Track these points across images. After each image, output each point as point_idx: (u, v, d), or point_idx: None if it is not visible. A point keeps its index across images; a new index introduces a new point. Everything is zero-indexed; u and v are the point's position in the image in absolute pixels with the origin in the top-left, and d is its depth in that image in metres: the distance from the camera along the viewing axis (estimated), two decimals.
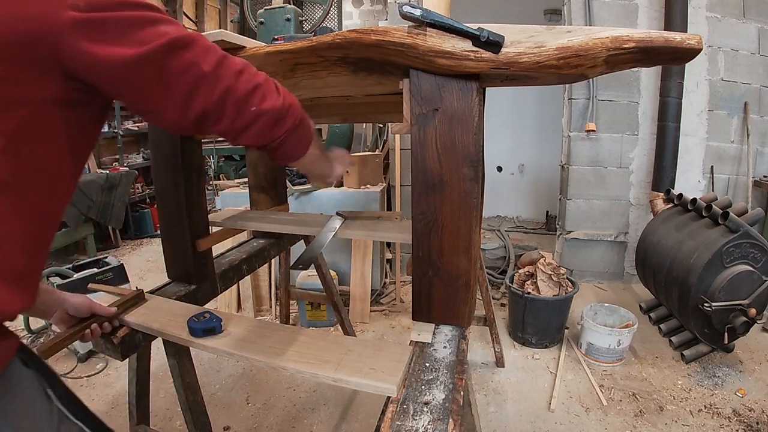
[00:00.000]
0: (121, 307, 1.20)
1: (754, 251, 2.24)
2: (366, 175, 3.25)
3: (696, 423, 2.03)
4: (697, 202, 2.55)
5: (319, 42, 1.02)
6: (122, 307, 1.20)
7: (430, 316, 1.16)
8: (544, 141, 4.82)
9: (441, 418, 0.85)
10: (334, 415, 2.16)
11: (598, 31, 0.84)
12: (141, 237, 5.15)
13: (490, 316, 2.41)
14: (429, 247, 1.09)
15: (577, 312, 2.74)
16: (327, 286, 2.26)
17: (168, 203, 1.42)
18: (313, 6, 3.87)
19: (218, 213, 1.84)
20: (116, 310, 1.17)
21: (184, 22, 7.72)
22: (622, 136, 3.42)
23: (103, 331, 1.13)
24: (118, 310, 1.18)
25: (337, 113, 1.81)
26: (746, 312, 2.20)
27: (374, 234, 1.50)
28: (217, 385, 2.40)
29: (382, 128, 4.14)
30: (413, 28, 0.92)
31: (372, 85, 1.33)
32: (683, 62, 0.85)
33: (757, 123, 3.42)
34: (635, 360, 2.54)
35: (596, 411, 2.13)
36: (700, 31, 3.23)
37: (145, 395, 1.42)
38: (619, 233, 3.56)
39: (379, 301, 3.36)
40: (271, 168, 1.92)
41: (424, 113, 1.01)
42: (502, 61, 0.87)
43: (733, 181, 3.50)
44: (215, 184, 3.99)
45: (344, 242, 3.13)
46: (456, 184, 1.03)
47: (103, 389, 2.33)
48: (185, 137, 1.35)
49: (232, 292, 3.19)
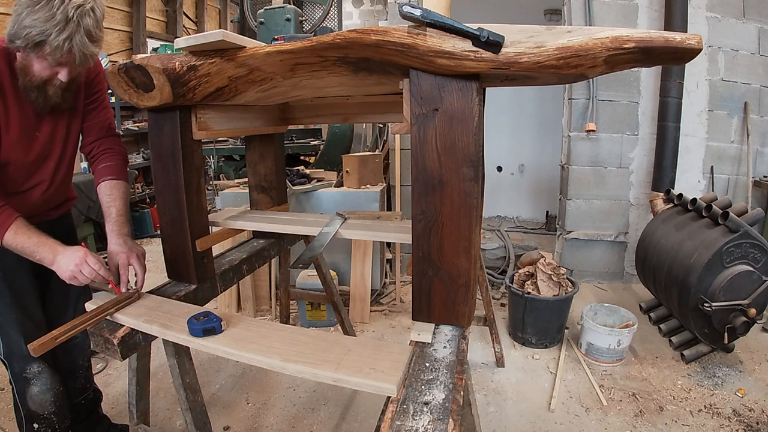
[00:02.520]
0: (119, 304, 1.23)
1: (754, 251, 2.24)
2: (366, 175, 3.24)
3: (696, 423, 2.03)
4: (697, 202, 2.55)
5: (319, 42, 1.02)
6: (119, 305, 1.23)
7: (430, 316, 1.16)
8: (544, 141, 4.81)
9: (441, 418, 0.85)
10: (334, 415, 2.16)
11: (598, 31, 0.84)
12: (141, 237, 5.15)
13: (490, 316, 2.41)
14: (429, 247, 1.09)
15: (577, 312, 2.74)
16: (327, 286, 2.26)
17: (168, 203, 1.42)
18: (313, 6, 3.87)
19: (218, 213, 1.84)
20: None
21: (184, 22, 7.73)
22: (622, 136, 3.42)
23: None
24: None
25: (337, 113, 1.81)
26: (746, 312, 2.20)
27: (374, 234, 1.50)
28: (217, 385, 2.40)
29: (382, 128, 4.14)
30: (413, 28, 0.92)
31: (372, 85, 1.33)
32: (683, 62, 0.85)
33: (757, 123, 3.42)
34: (635, 360, 2.54)
35: (596, 411, 2.13)
36: (700, 31, 3.23)
37: (145, 395, 1.42)
38: (619, 233, 3.56)
39: (379, 301, 3.36)
40: (271, 168, 1.92)
41: (424, 113, 1.01)
42: (502, 61, 0.87)
43: (733, 181, 3.50)
44: (215, 184, 3.99)
45: (344, 242, 3.13)
46: (456, 184, 1.03)
47: (103, 389, 2.32)
48: (185, 137, 1.35)
49: (232, 292, 3.19)
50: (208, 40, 1.12)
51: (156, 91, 1.20)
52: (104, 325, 1.22)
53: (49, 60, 1.17)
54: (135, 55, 1.25)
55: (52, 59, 1.16)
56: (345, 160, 3.23)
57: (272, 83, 1.30)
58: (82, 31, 1.13)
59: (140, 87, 1.22)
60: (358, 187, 3.19)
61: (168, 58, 1.19)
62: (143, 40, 6.53)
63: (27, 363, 1.48)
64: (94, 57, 1.22)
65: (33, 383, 1.50)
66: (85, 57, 1.18)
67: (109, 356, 1.22)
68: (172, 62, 1.18)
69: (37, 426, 1.53)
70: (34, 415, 1.52)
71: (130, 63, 1.20)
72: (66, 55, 1.15)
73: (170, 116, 1.32)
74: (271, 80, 1.27)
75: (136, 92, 1.24)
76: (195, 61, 1.19)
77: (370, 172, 3.27)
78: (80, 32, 1.13)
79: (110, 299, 1.25)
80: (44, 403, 1.51)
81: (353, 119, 1.82)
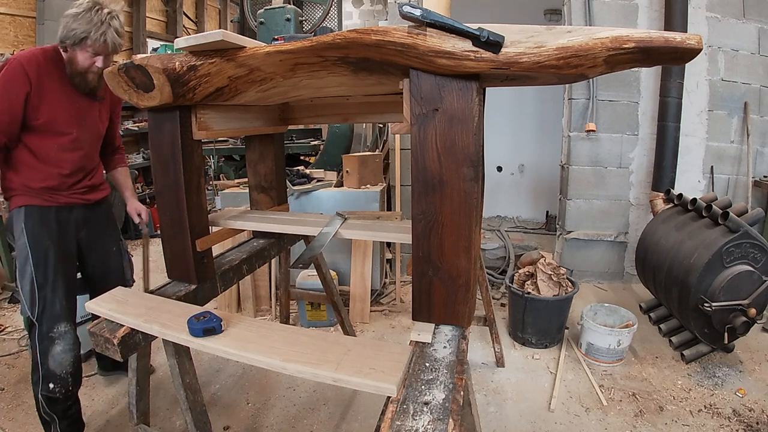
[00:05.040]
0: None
1: (754, 251, 2.24)
2: (366, 175, 3.24)
3: (696, 423, 2.03)
4: (697, 202, 2.55)
5: (319, 42, 1.02)
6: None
7: (430, 316, 1.16)
8: (544, 141, 4.81)
9: (441, 418, 0.85)
10: (334, 415, 2.16)
11: (598, 31, 0.84)
12: (141, 237, 5.15)
13: (490, 316, 2.41)
14: (429, 247, 1.09)
15: (577, 312, 2.74)
16: (327, 286, 2.26)
17: (168, 203, 1.42)
18: (313, 6, 3.87)
19: (218, 213, 1.84)
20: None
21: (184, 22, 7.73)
22: (622, 136, 3.42)
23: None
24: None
25: (337, 113, 1.81)
26: (746, 312, 2.20)
27: (374, 234, 1.50)
28: (217, 385, 2.40)
29: (382, 128, 4.14)
30: (413, 28, 0.92)
31: (372, 85, 1.33)
32: (683, 62, 0.85)
33: (757, 123, 3.42)
34: (635, 360, 2.54)
35: (596, 411, 2.13)
36: (700, 31, 3.23)
37: (145, 395, 1.42)
38: (619, 233, 3.56)
39: (379, 301, 3.36)
40: (271, 168, 1.92)
41: (424, 113, 1.01)
42: (502, 61, 0.87)
43: (733, 181, 3.50)
44: (215, 184, 3.99)
45: (344, 242, 3.13)
46: (456, 184, 1.03)
47: (103, 389, 2.33)
48: (185, 137, 1.35)
49: (232, 292, 3.19)
50: (208, 40, 1.12)
51: (156, 91, 1.20)
52: (104, 325, 1.23)
53: (89, 51, 1.63)
54: (135, 55, 1.27)
55: (92, 50, 1.63)
56: (345, 160, 3.23)
57: (272, 83, 1.30)
58: (112, 29, 1.61)
59: (140, 87, 1.22)
60: (358, 187, 3.19)
61: (168, 58, 1.19)
62: (143, 40, 6.54)
63: (56, 323, 1.72)
64: (121, 47, 1.68)
65: (58, 342, 1.72)
66: (114, 46, 1.65)
67: (110, 356, 1.22)
68: (172, 62, 1.18)
69: (52, 386, 1.71)
70: (51, 374, 1.71)
71: (130, 63, 1.20)
72: (102, 45, 1.61)
73: (170, 116, 1.32)
74: (271, 80, 1.27)
75: (136, 92, 1.24)
76: (195, 61, 1.19)
77: (370, 172, 3.27)
78: (111, 30, 1.61)
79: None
80: (64, 363, 1.72)
81: (353, 119, 1.82)
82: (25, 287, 1.70)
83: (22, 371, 2.47)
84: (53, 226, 1.76)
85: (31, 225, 1.71)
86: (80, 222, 1.88)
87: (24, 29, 4.80)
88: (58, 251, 1.76)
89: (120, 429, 2.05)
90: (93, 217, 1.93)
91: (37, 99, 1.64)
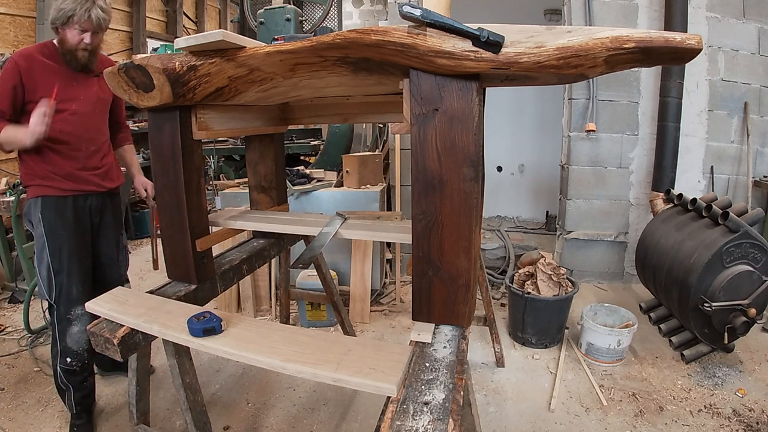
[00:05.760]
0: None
1: (754, 251, 2.24)
2: (366, 175, 3.24)
3: (696, 423, 2.03)
4: (697, 202, 2.55)
5: (319, 42, 1.02)
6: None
7: (430, 316, 1.16)
8: (544, 141, 4.81)
9: (441, 418, 0.85)
10: (334, 415, 2.16)
11: (598, 31, 0.84)
12: (141, 237, 5.15)
13: (490, 316, 2.41)
14: (429, 247, 1.09)
15: (577, 312, 2.74)
16: (327, 286, 2.26)
17: (168, 203, 1.42)
18: (313, 6, 3.87)
19: (218, 213, 1.84)
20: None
21: (184, 22, 7.73)
22: (622, 136, 3.42)
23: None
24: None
25: (337, 113, 1.81)
26: (746, 312, 2.20)
27: (374, 234, 1.50)
28: (217, 385, 2.40)
29: (382, 128, 4.13)
30: (413, 28, 0.92)
31: (372, 85, 1.33)
32: (683, 62, 0.85)
33: (757, 123, 3.42)
34: (635, 360, 2.54)
35: (596, 411, 2.13)
36: (700, 31, 3.23)
37: (145, 395, 1.42)
38: (619, 233, 3.56)
39: (379, 301, 3.36)
40: (271, 168, 1.92)
41: (424, 113, 1.01)
42: (502, 61, 0.87)
43: (733, 181, 3.50)
44: (215, 184, 3.99)
45: (344, 242, 3.13)
46: (456, 184, 1.03)
47: (103, 389, 2.33)
48: (185, 137, 1.35)
49: (232, 292, 3.19)
50: (208, 40, 1.12)
51: (156, 91, 1.20)
52: (104, 325, 1.23)
53: (77, 28, 1.71)
54: (135, 55, 1.28)
55: (79, 27, 1.71)
56: (345, 160, 3.23)
57: (272, 83, 1.30)
58: (96, 6, 1.70)
59: (140, 87, 1.22)
60: (358, 187, 3.19)
61: (168, 58, 1.19)
62: (143, 40, 6.54)
63: (73, 306, 1.88)
64: (107, 22, 1.77)
65: (75, 323, 1.89)
66: (99, 22, 1.73)
67: (110, 356, 1.22)
68: (172, 62, 1.18)
69: (69, 360, 1.91)
70: (69, 351, 1.90)
71: (130, 63, 1.20)
72: (87, 21, 1.70)
73: (170, 116, 1.32)
74: (271, 80, 1.27)
75: (136, 92, 1.24)
76: (195, 61, 1.19)
77: (370, 172, 3.27)
78: (95, 7, 1.70)
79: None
80: (80, 341, 1.91)
81: (353, 119, 1.82)
82: (43, 273, 1.86)
83: (22, 371, 2.47)
84: (69, 215, 1.87)
85: (48, 215, 1.84)
86: (94, 210, 1.99)
87: (24, 29, 4.80)
88: (73, 240, 1.88)
89: (120, 429, 2.05)
90: (105, 207, 2.03)
91: (31, 83, 1.74)
